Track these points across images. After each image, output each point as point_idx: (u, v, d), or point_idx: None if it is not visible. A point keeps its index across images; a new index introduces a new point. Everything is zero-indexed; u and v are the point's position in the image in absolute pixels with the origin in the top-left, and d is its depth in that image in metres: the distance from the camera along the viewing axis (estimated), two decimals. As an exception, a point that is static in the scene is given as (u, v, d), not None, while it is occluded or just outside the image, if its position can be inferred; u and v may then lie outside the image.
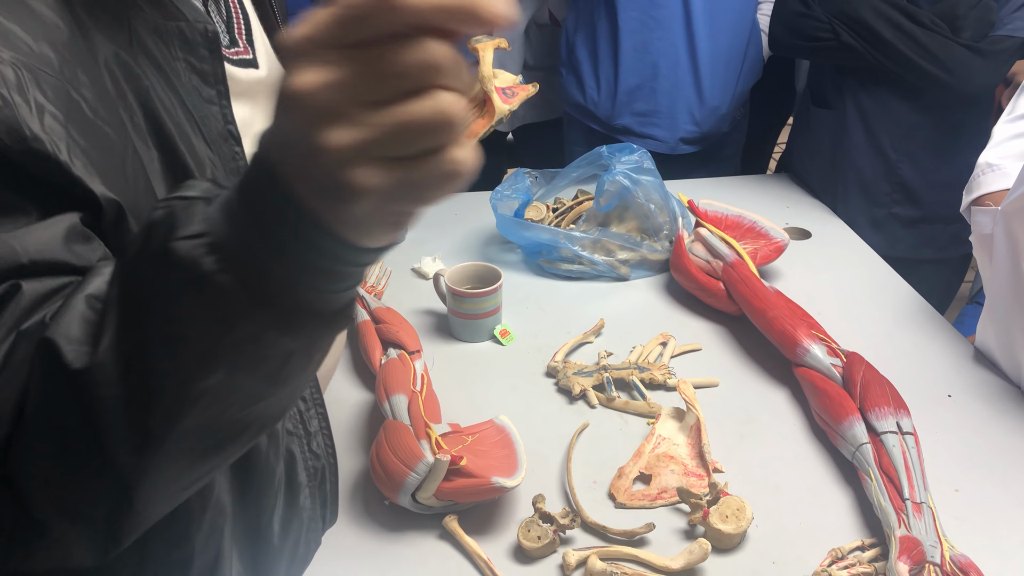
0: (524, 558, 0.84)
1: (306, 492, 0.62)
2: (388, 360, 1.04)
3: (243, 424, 0.41)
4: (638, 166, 1.34)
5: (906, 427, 0.92)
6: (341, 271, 0.38)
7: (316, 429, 0.62)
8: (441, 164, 0.33)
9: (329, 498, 0.66)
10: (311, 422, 0.61)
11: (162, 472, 0.41)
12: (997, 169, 1.10)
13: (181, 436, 0.40)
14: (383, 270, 1.38)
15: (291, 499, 0.60)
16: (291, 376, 0.41)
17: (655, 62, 1.61)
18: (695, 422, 0.98)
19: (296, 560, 0.64)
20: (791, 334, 1.08)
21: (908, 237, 1.56)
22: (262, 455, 0.55)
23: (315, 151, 0.33)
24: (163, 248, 0.37)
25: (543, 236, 1.34)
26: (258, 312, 0.37)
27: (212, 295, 0.36)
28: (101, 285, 0.41)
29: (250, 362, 0.38)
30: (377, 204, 0.34)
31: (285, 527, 0.60)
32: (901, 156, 1.50)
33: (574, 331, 1.21)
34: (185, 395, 0.38)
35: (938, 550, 0.79)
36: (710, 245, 1.28)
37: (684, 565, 0.81)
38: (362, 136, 0.32)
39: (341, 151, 0.33)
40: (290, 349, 0.39)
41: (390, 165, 0.33)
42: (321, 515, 0.66)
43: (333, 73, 0.32)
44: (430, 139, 0.33)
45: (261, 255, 0.36)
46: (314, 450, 0.61)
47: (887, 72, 1.43)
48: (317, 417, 0.62)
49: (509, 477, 0.84)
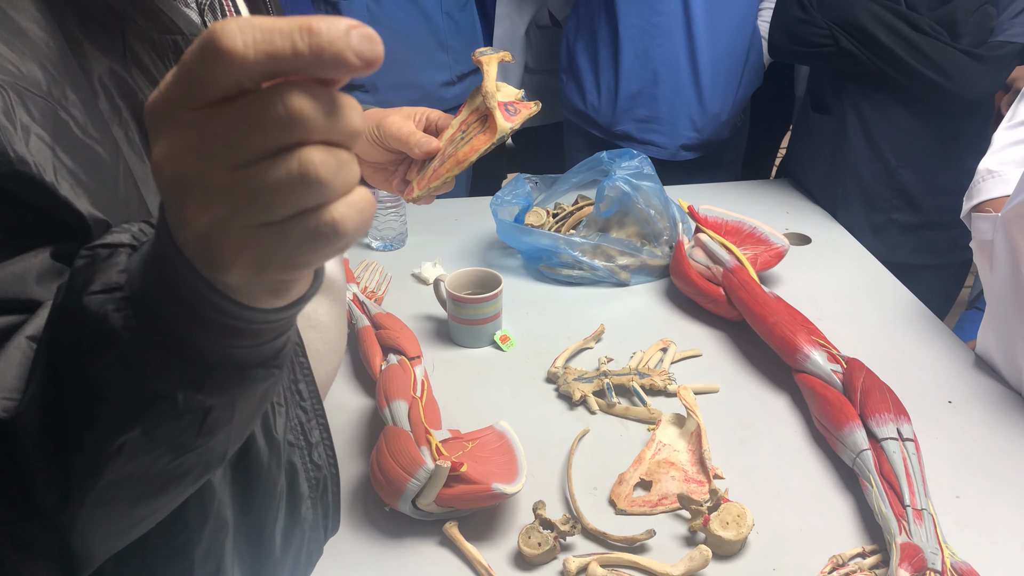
0: (525, 564, 0.84)
1: (308, 503, 0.61)
2: (388, 366, 1.04)
3: (179, 472, 0.39)
4: (638, 172, 1.34)
5: (907, 433, 0.92)
6: (247, 329, 0.35)
7: (317, 440, 0.61)
8: (311, 227, 0.30)
9: (331, 508, 0.66)
10: (312, 433, 0.61)
11: (95, 518, 0.40)
12: (997, 175, 1.10)
13: (107, 487, 0.38)
14: (383, 275, 1.38)
15: (293, 510, 0.60)
16: (217, 429, 0.38)
17: (656, 69, 1.61)
18: (695, 428, 0.98)
19: (298, 570, 0.64)
20: (791, 340, 1.08)
21: (908, 243, 1.56)
22: (264, 467, 0.55)
23: (180, 222, 0.31)
24: (77, 301, 0.35)
25: (543, 241, 1.34)
26: (167, 369, 0.35)
27: (121, 351, 0.35)
28: (40, 324, 0.40)
29: (168, 418, 0.36)
30: (253, 271, 0.32)
31: (287, 538, 0.60)
32: (901, 162, 1.50)
33: (574, 337, 1.21)
34: (103, 450, 0.37)
35: (939, 557, 0.79)
36: (710, 251, 1.28)
37: (685, 572, 0.81)
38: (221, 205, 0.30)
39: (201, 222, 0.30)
40: (208, 405, 0.37)
41: (259, 231, 0.30)
42: (323, 525, 0.66)
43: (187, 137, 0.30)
44: (293, 202, 0.30)
45: (167, 313, 0.34)
46: (315, 461, 0.61)
47: (887, 78, 1.44)
48: (318, 428, 0.61)
49: (509, 483, 0.84)
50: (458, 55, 1.70)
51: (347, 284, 1.24)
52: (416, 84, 1.68)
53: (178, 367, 0.35)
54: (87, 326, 0.35)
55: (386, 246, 1.47)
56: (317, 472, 0.61)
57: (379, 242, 1.47)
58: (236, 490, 0.54)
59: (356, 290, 1.23)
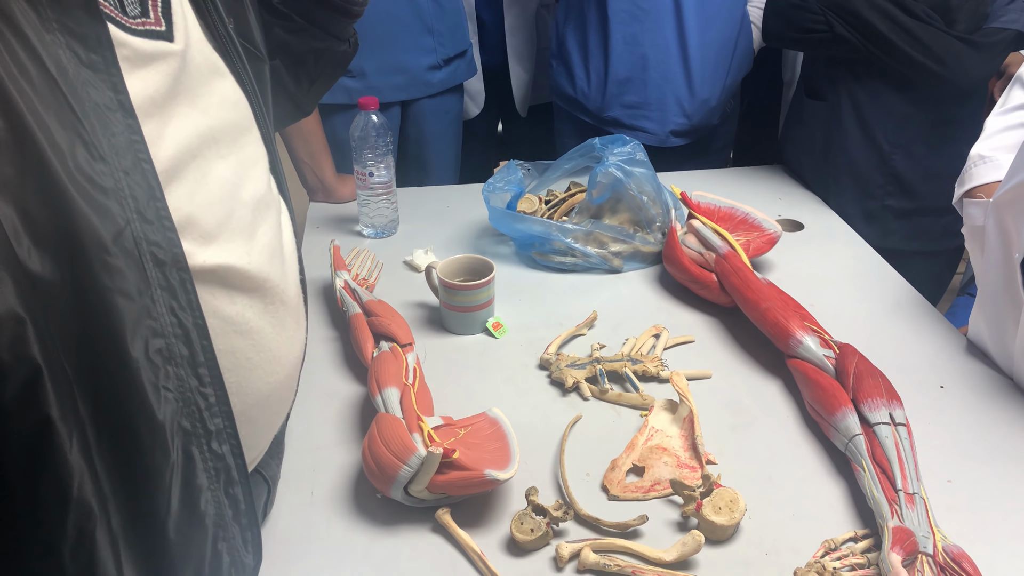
0: (517, 550, 0.84)
1: (208, 495, 0.59)
2: (380, 353, 1.04)
3: None
4: (631, 158, 1.34)
5: (899, 418, 0.92)
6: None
7: (219, 428, 0.58)
8: None
9: (243, 502, 0.62)
10: (212, 421, 0.58)
11: None
12: (989, 161, 1.10)
13: None
14: (375, 263, 1.37)
15: (189, 503, 0.57)
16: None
17: (645, 54, 1.60)
18: (688, 414, 0.98)
19: (211, 571, 0.61)
20: (784, 325, 1.08)
21: (901, 229, 1.56)
22: (143, 451, 0.53)
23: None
24: None
25: (535, 228, 1.33)
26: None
27: None
28: None
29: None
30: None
31: (184, 533, 0.57)
32: (894, 148, 1.50)
33: (567, 323, 1.21)
34: None
35: (931, 540, 0.79)
36: (703, 237, 1.28)
37: (677, 557, 0.81)
38: None
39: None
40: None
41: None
42: (238, 521, 0.62)
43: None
44: None
45: None
46: (215, 450, 0.59)
47: (881, 64, 1.43)
48: (221, 416, 0.59)
49: (502, 470, 0.84)
50: (444, 39, 1.69)
51: (337, 272, 1.24)
52: (402, 68, 1.67)
53: None
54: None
55: (377, 233, 1.47)
56: (217, 462, 0.59)
57: (370, 229, 1.47)
58: (110, 476, 0.51)
59: (347, 277, 1.22)
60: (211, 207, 0.61)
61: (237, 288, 0.63)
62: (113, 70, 0.52)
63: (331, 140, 1.61)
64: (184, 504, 0.56)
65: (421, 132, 1.79)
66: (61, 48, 0.50)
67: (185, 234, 0.57)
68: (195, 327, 0.56)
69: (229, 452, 0.60)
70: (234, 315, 0.63)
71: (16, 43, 0.47)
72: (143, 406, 0.53)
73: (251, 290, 0.65)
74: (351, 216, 1.52)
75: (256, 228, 0.67)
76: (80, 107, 0.49)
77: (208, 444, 0.58)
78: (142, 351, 0.52)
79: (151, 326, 0.53)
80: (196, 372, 0.57)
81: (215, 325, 0.60)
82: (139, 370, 0.52)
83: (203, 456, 0.58)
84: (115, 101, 0.52)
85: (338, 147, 1.64)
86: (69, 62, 0.50)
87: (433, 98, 1.76)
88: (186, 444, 0.56)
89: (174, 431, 0.55)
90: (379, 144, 1.38)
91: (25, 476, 0.47)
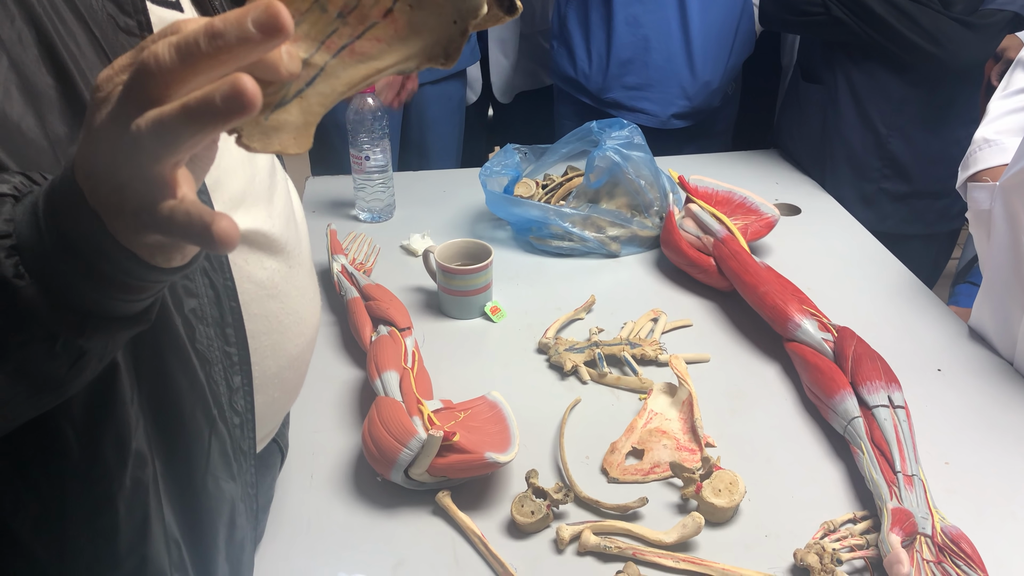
0: (518, 533, 0.84)
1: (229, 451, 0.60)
2: (379, 337, 1.03)
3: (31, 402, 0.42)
4: (628, 142, 1.33)
5: (897, 401, 0.93)
6: (136, 285, 0.39)
7: (238, 385, 0.60)
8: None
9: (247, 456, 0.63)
10: (234, 378, 0.60)
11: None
12: (994, 144, 1.10)
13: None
14: (372, 247, 1.37)
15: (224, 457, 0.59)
16: (87, 367, 0.41)
17: (647, 35, 1.60)
18: (687, 397, 0.98)
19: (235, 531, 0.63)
20: (782, 309, 1.08)
21: (897, 212, 1.57)
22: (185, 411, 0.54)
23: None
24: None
25: (533, 213, 1.33)
26: (53, 315, 0.37)
27: (9, 296, 0.37)
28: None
29: (45, 357, 0.39)
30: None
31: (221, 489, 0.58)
32: (891, 131, 1.50)
33: (565, 308, 1.21)
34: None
35: (929, 522, 0.79)
36: (701, 221, 1.28)
37: (677, 539, 0.81)
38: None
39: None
40: (84, 349, 0.39)
41: None
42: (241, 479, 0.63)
43: None
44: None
45: (61, 264, 0.37)
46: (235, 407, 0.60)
47: (878, 47, 1.43)
48: (241, 374, 0.60)
49: (502, 452, 0.84)
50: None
51: (334, 256, 1.23)
52: None
53: (64, 313, 0.38)
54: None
55: (374, 218, 1.46)
56: (234, 417, 0.61)
57: (367, 214, 1.46)
58: (156, 430, 0.53)
59: (344, 262, 1.22)
60: (235, 172, 0.62)
61: (265, 251, 0.65)
62: (146, 34, 0.53)
63: (327, 123, 1.60)
64: (221, 457, 0.58)
65: (423, 118, 1.78)
66: (102, 12, 0.50)
67: (215, 198, 0.58)
68: (224, 288, 0.58)
69: (243, 409, 0.62)
70: (265, 280, 0.65)
71: (62, 4, 0.48)
72: (185, 364, 0.54)
73: (276, 253, 0.67)
74: (347, 200, 1.51)
75: (272, 193, 0.68)
76: None
77: (230, 401, 0.60)
78: (180, 310, 0.54)
79: (187, 286, 0.55)
80: (223, 332, 0.58)
81: (250, 290, 0.62)
82: (179, 327, 0.53)
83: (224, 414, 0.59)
84: None
85: (335, 131, 1.63)
86: (107, 26, 0.50)
87: (436, 84, 1.75)
88: (216, 399, 0.57)
89: (209, 389, 0.56)
90: (375, 128, 1.38)
91: (85, 431, 0.48)
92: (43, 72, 0.46)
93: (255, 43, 0.31)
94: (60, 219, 0.37)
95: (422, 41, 0.38)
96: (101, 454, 0.49)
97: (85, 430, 0.48)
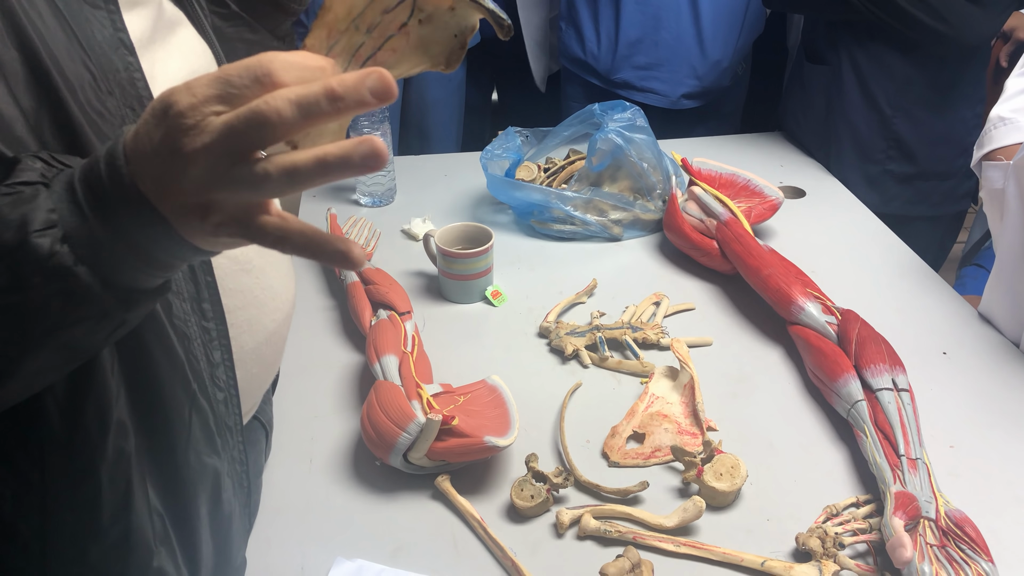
0: (517, 517, 0.84)
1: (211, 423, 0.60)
2: (378, 321, 1.03)
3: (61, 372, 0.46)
4: (631, 124, 1.32)
5: (901, 384, 0.92)
6: (179, 265, 0.43)
7: (218, 361, 0.60)
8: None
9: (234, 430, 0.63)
10: (214, 353, 0.60)
11: None
12: (1010, 123, 1.08)
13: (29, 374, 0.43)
14: (372, 231, 1.36)
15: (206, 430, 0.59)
16: (120, 334, 0.45)
17: (656, 14, 1.58)
18: (689, 381, 0.97)
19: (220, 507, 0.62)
20: (786, 292, 1.07)
21: (902, 194, 1.55)
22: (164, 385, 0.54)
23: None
24: (19, 241, 0.39)
25: (534, 196, 1.32)
26: (106, 295, 0.41)
27: (66, 283, 0.39)
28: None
29: (91, 331, 0.42)
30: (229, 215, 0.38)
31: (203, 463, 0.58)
32: (896, 111, 1.48)
33: (566, 292, 1.20)
34: (21, 351, 0.42)
35: (933, 505, 0.79)
36: (704, 204, 1.26)
37: (678, 523, 0.81)
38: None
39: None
40: (125, 320, 0.44)
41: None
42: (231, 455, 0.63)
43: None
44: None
45: (116, 251, 0.40)
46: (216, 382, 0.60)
47: (882, 26, 1.41)
48: (220, 349, 0.60)
49: (502, 436, 0.83)
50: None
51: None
52: None
53: (114, 291, 0.41)
54: (29, 263, 0.39)
55: (375, 202, 1.45)
56: (217, 392, 0.60)
57: (367, 198, 1.45)
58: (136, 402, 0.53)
59: (344, 246, 1.21)
60: None
61: None
62: (112, 7, 0.52)
63: None
64: (203, 432, 0.58)
65: (423, 99, 1.77)
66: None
67: None
68: (199, 263, 0.57)
69: (225, 383, 0.62)
70: (239, 254, 0.65)
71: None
72: (163, 339, 0.53)
73: None
74: (348, 185, 1.50)
75: None
76: (87, 43, 0.49)
77: (212, 376, 0.60)
78: None
79: None
80: (200, 307, 0.58)
81: (224, 264, 0.62)
82: None
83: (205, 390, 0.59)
84: (116, 38, 0.52)
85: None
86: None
87: None
88: (197, 374, 0.57)
89: (188, 364, 0.56)
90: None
91: (66, 400, 0.49)
92: (7, 45, 0.45)
93: (368, 106, 0.36)
94: (113, 212, 0.39)
95: (429, 51, 0.47)
96: (83, 423, 0.49)
97: (65, 397, 0.48)
